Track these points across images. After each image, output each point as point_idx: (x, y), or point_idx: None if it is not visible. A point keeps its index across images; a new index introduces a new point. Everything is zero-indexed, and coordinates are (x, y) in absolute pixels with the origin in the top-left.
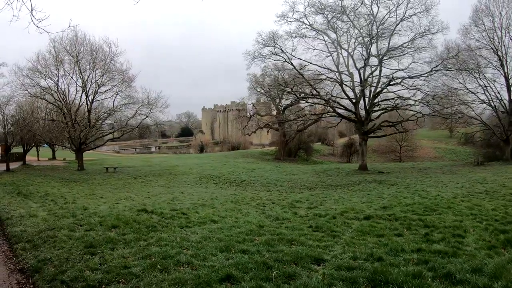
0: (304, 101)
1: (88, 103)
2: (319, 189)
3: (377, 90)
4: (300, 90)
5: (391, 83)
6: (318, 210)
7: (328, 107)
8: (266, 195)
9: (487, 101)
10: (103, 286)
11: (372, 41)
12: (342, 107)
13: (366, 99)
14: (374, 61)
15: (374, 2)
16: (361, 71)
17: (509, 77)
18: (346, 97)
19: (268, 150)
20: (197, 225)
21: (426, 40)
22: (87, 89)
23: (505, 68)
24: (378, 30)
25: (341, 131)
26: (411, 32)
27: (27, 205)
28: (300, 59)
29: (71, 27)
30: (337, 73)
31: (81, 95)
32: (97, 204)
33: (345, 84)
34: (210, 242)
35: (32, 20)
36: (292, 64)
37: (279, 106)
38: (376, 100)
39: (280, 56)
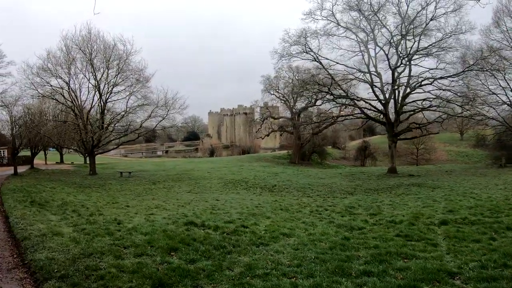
0: (334, 102)
1: (102, 103)
2: (361, 194)
3: (407, 91)
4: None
5: (422, 83)
6: (383, 216)
7: (356, 108)
8: (310, 201)
9: (508, 102)
10: None
11: (402, 40)
12: (374, 109)
13: (395, 100)
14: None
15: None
16: (395, 70)
17: None
18: (375, 98)
19: (280, 154)
20: (271, 240)
21: (453, 40)
22: (101, 89)
23: None
24: (408, 29)
25: (350, 134)
26: (437, 32)
27: (46, 217)
28: (328, 59)
29: None
30: (366, 74)
31: (94, 96)
32: (128, 215)
33: (374, 85)
34: (311, 264)
35: None
36: (320, 63)
37: (294, 109)
38: (405, 101)
39: (310, 54)
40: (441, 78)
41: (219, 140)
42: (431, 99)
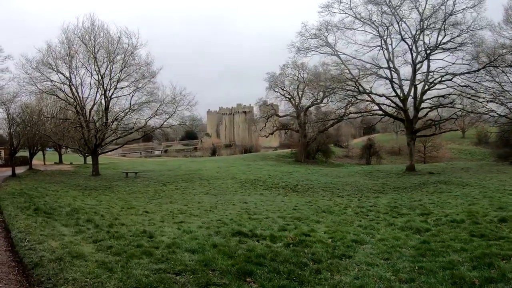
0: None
1: (106, 100)
2: (392, 193)
3: (425, 87)
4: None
5: (443, 79)
6: (437, 216)
7: (373, 105)
8: (345, 201)
9: None
10: None
11: (421, 35)
12: (394, 105)
13: (413, 97)
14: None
15: None
16: (416, 65)
17: None
18: (393, 94)
19: (284, 153)
20: (349, 250)
21: (471, 36)
22: (104, 85)
23: None
24: (427, 24)
25: (352, 132)
26: (454, 28)
27: (56, 230)
28: (345, 54)
29: None
30: (385, 69)
31: (96, 91)
32: (154, 224)
33: (393, 81)
34: (421, 277)
35: None
36: (340, 58)
37: (299, 107)
38: (424, 97)
39: (329, 48)
40: (461, 74)
41: (219, 139)
42: (445, 96)
